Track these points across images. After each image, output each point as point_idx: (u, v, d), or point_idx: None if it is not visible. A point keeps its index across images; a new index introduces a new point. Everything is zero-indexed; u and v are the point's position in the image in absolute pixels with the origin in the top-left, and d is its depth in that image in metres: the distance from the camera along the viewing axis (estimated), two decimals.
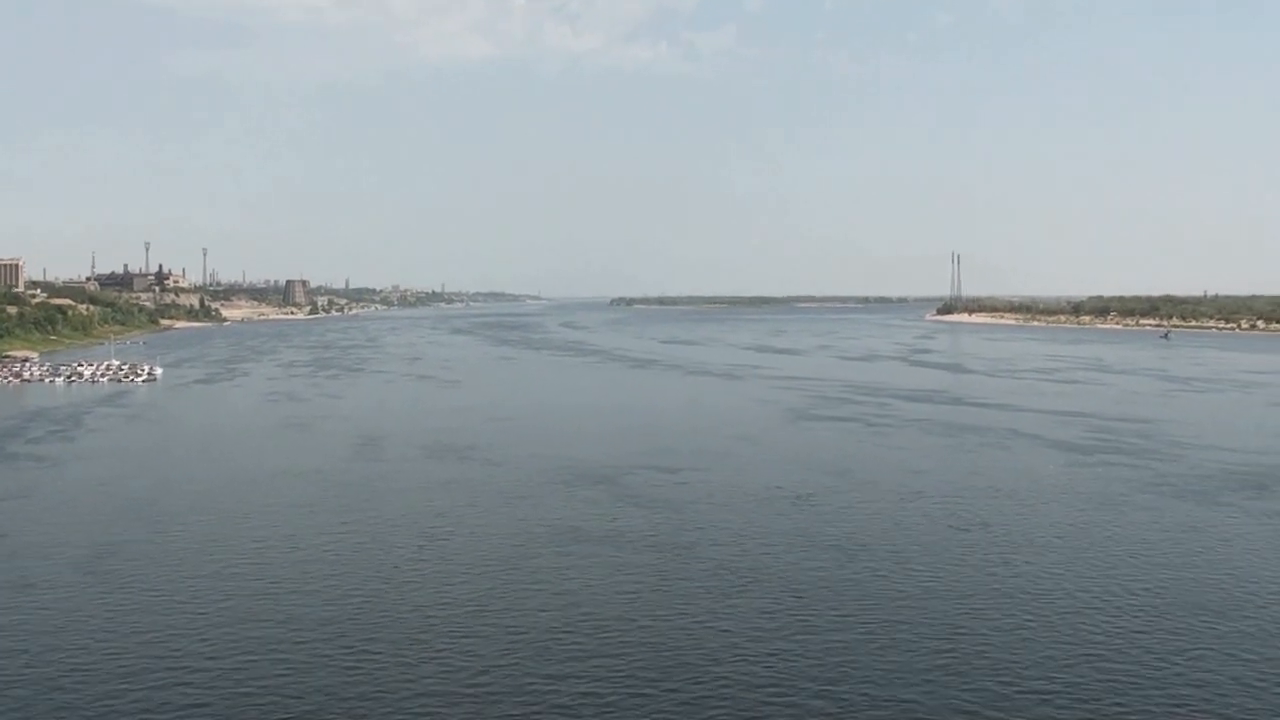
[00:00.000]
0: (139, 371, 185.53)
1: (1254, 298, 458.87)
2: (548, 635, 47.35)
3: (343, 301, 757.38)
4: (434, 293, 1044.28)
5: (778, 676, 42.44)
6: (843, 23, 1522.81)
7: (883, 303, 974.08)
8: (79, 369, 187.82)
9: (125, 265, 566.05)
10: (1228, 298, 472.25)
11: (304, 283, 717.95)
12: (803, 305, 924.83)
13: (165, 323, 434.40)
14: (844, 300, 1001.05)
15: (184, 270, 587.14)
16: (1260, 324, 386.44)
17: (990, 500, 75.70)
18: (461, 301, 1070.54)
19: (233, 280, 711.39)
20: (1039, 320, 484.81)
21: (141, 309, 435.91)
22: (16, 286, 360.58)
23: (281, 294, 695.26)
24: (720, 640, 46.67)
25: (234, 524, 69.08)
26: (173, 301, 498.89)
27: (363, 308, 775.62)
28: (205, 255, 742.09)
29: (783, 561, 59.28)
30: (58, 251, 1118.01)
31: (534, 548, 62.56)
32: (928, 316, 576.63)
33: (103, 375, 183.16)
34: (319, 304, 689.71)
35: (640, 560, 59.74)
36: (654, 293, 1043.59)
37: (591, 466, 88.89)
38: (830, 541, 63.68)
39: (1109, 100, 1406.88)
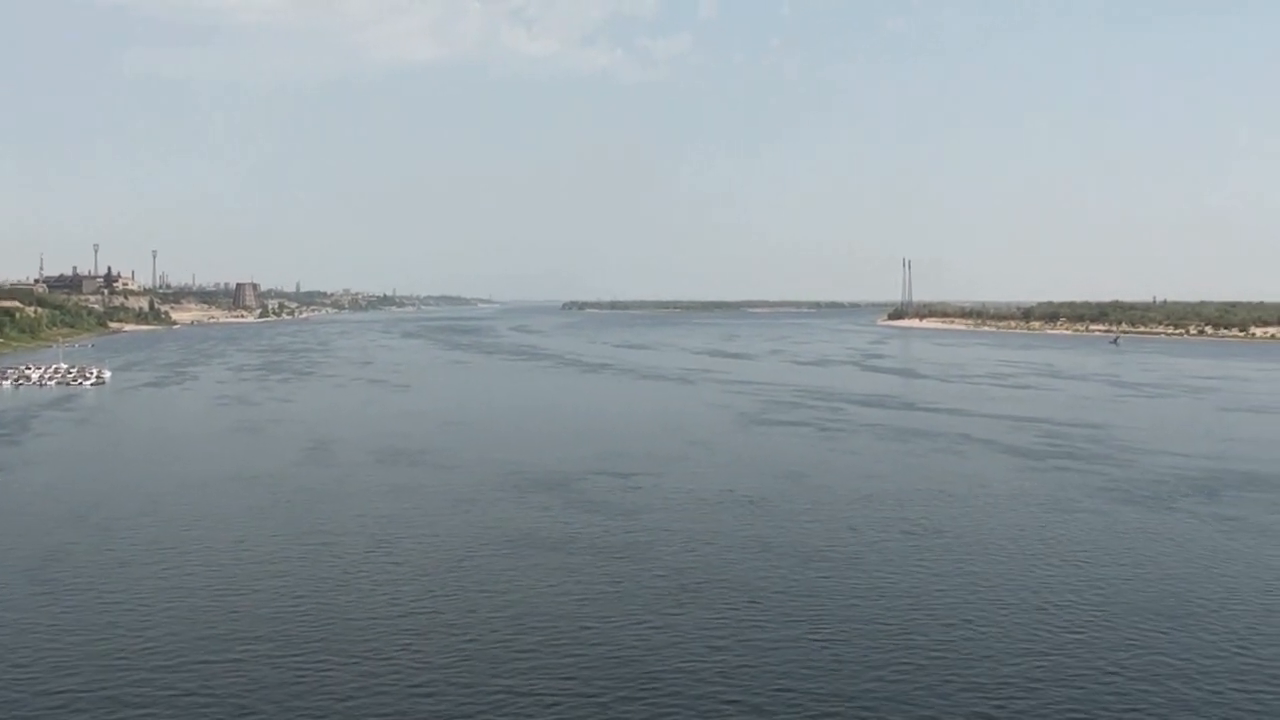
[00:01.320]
0: (87, 375, 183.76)
1: (1203, 304, 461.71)
2: (497, 639, 47.10)
3: (293, 305, 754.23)
4: (385, 296, 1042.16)
5: (729, 680, 42.27)
6: (798, 30, 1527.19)
7: (834, 307, 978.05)
8: (26, 372, 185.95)
9: (74, 267, 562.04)
10: (1177, 304, 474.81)
11: (254, 286, 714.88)
12: (755, 310, 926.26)
13: (114, 325, 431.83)
14: (796, 305, 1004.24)
15: (133, 273, 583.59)
16: (1209, 329, 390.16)
17: (942, 505, 75.78)
18: (413, 305, 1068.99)
19: (183, 283, 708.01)
20: (989, 325, 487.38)
21: (90, 311, 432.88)
22: None
23: (232, 297, 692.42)
24: (671, 644, 46.47)
25: (182, 529, 68.40)
26: (122, 304, 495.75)
27: (313, 311, 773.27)
28: (155, 258, 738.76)
29: (735, 566, 59.13)
30: (4, 253, 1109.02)
31: (485, 552, 62.18)
32: (879, 321, 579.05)
33: (50, 378, 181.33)
34: (269, 307, 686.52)
35: (592, 565, 59.50)
36: (606, 297, 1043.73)
37: (544, 471, 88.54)
38: (782, 546, 63.56)
39: (1057, 107, 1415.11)
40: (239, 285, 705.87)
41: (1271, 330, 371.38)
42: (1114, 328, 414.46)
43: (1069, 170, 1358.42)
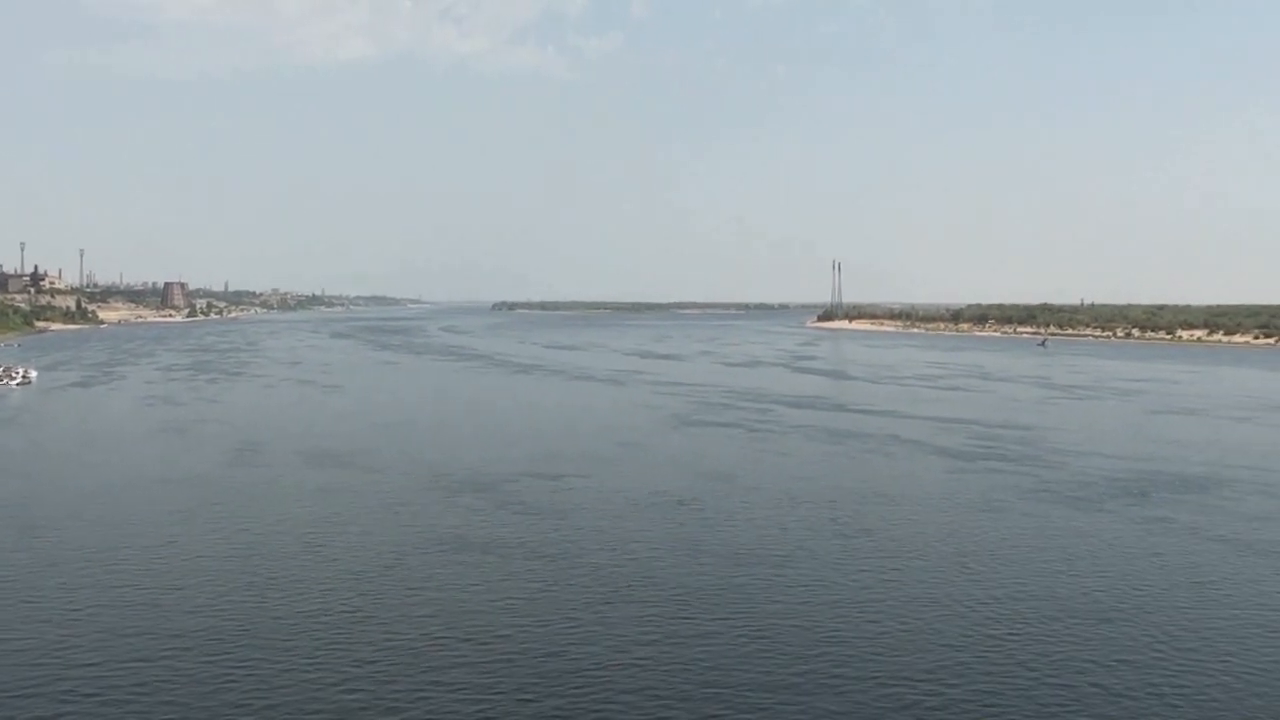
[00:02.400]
0: (13, 375, 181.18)
1: (1129, 306, 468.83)
2: (426, 639, 46.76)
3: (222, 304, 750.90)
4: (314, 296, 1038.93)
5: (659, 685, 42.03)
6: (729, 32, 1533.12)
7: (764, 309, 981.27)
8: None
9: None
10: (1104, 306, 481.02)
11: (182, 285, 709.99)
12: (685, 311, 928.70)
13: (41, 325, 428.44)
14: (726, 306, 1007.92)
15: (60, 271, 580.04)
16: (1135, 332, 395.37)
17: (873, 506, 75.97)
18: (342, 305, 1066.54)
19: (110, 282, 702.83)
20: (918, 327, 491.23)
21: (16, 310, 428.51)
22: None
23: (160, 296, 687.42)
24: (601, 648, 46.20)
25: (110, 530, 67.63)
26: (48, 303, 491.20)
27: (242, 311, 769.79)
28: (82, 256, 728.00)
29: (666, 568, 58.97)
30: None
31: (414, 555, 61.76)
32: (808, 323, 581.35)
33: None
34: (197, 307, 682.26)
35: (521, 568, 59.16)
36: (536, 297, 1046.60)
37: (474, 473, 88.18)
38: (713, 548, 63.47)
39: (987, 111, 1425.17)
40: (167, 284, 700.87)
41: (1197, 333, 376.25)
42: (1042, 330, 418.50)
43: (997, 173, 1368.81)
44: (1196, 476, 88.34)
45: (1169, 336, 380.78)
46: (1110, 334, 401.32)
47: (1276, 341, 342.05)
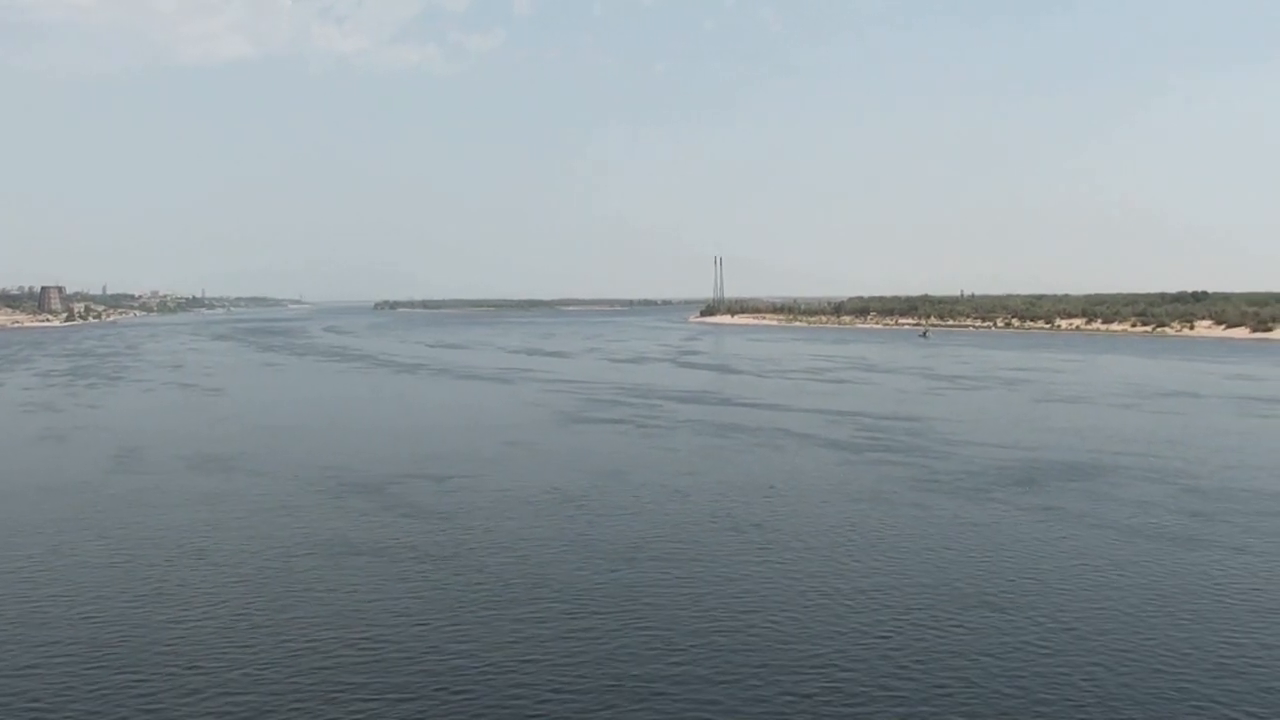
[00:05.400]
0: None
1: (1009, 297, 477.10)
2: (311, 648, 45.82)
3: (100, 308, 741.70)
4: (195, 298, 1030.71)
5: (553, 686, 41.62)
6: (611, 28, 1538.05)
7: (647, 305, 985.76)
8: None
9: None
10: (984, 297, 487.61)
11: (60, 289, 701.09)
12: (569, 308, 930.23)
13: None
14: (610, 303, 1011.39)
15: None
16: (1015, 322, 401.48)
17: (763, 500, 75.96)
18: (223, 307, 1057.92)
19: None
20: (801, 321, 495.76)
21: None
22: None
23: (36, 301, 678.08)
24: (493, 650, 45.66)
25: None
26: None
27: (121, 314, 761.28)
28: None
29: (558, 567, 58.55)
30: None
31: (300, 559, 60.83)
32: (691, 319, 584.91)
33: None
34: (76, 311, 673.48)
35: (411, 570, 58.43)
36: (419, 295, 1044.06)
37: (360, 476, 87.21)
38: (604, 545, 63.17)
39: (864, 104, 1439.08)
40: (44, 289, 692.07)
41: (1076, 322, 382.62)
42: (923, 321, 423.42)
43: (877, 166, 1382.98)
44: (1082, 464, 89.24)
45: (1048, 326, 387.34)
46: (991, 324, 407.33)
47: (1153, 329, 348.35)
